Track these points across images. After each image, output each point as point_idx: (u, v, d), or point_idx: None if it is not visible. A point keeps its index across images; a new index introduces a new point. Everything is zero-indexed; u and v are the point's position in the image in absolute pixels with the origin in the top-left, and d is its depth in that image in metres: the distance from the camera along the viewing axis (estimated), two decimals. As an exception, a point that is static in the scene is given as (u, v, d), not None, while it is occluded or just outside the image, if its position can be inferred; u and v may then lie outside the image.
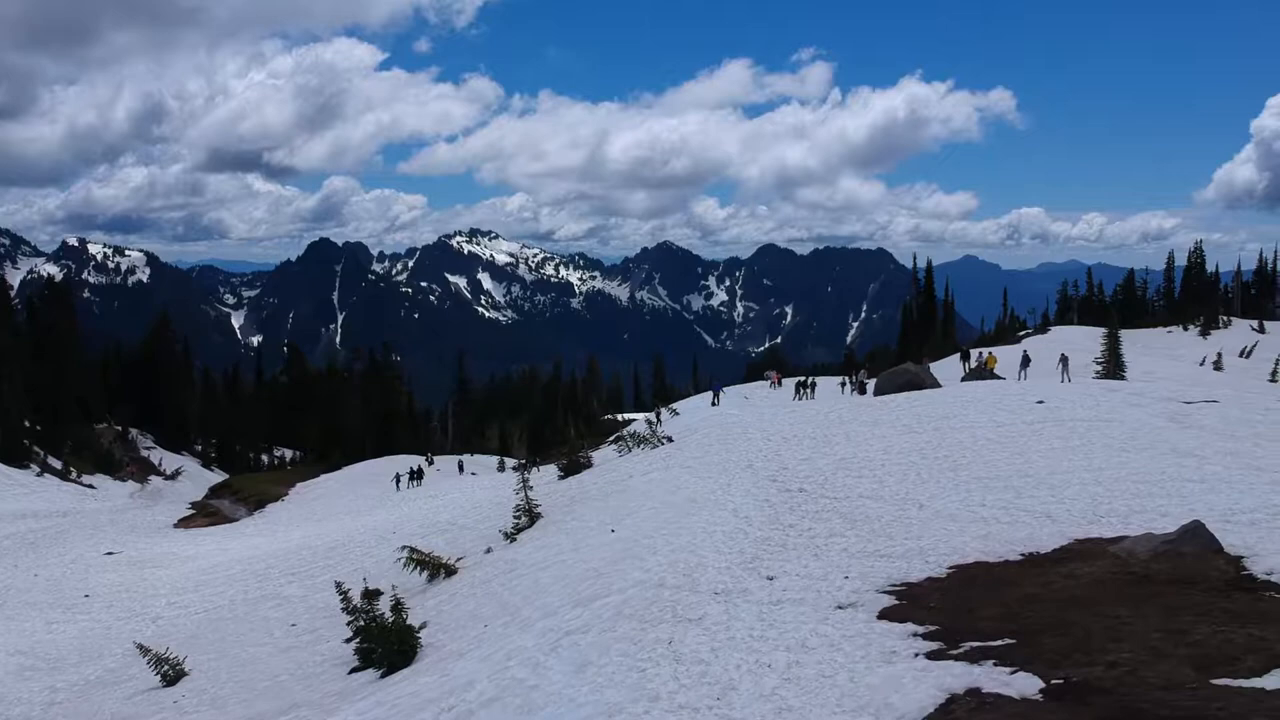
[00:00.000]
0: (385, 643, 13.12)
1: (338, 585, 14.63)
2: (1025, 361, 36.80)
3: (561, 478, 27.76)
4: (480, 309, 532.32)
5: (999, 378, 33.31)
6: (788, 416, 26.45)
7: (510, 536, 19.13)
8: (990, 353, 38.10)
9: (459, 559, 18.50)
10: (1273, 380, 48.99)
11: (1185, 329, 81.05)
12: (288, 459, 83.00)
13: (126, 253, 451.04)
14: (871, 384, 35.99)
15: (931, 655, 8.60)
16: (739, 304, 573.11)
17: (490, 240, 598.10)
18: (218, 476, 68.85)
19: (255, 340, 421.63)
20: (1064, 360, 32.60)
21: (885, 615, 9.99)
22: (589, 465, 28.18)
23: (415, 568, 17.52)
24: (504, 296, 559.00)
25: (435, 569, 17.64)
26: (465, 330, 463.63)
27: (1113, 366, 37.53)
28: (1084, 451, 17.46)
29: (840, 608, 10.51)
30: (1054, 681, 7.62)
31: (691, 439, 25.27)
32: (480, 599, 14.98)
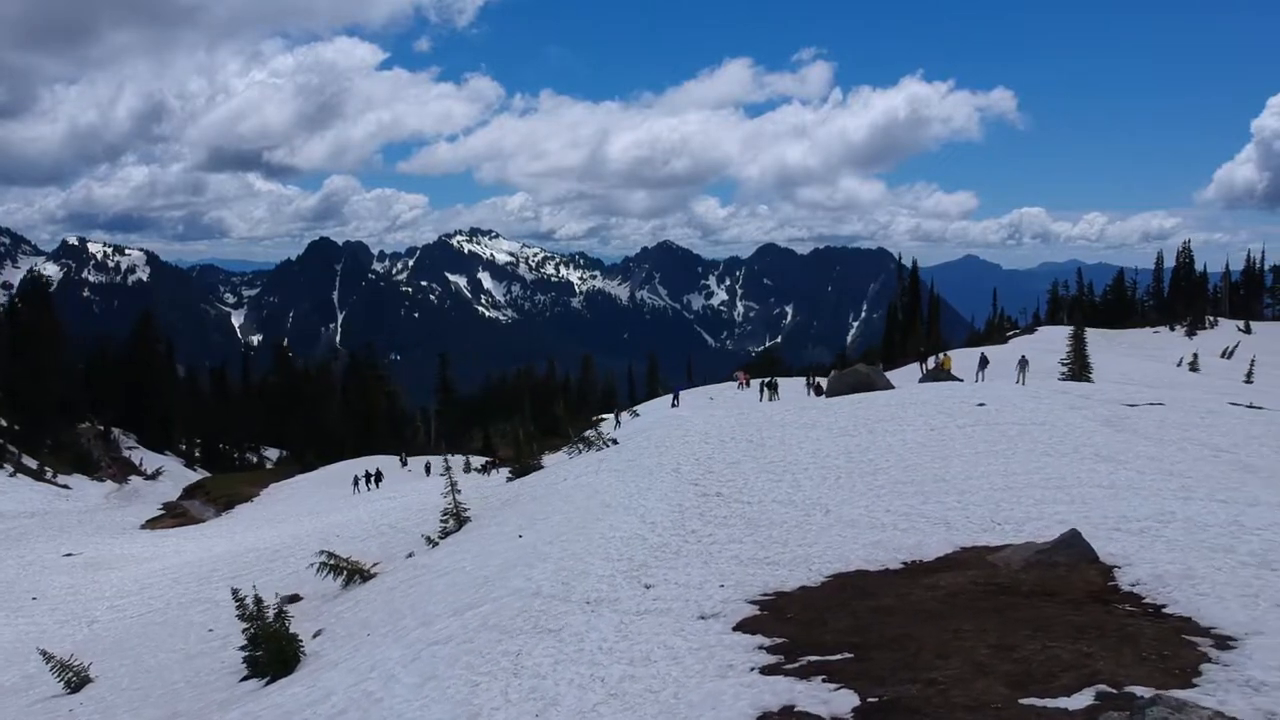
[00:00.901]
0: (268, 651, 12.90)
1: (234, 592, 14.41)
2: (983, 363, 36.57)
3: (509, 480, 27.57)
4: (480, 308, 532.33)
5: (957, 379, 33.08)
6: (736, 418, 26.20)
7: (432, 541, 18.92)
8: (946, 354, 37.86)
9: (375, 565, 18.29)
10: (1247, 381, 48.66)
11: (1172, 329, 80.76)
12: (275, 459, 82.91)
13: (127, 252, 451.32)
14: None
15: (765, 670, 8.40)
16: (739, 304, 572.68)
17: (490, 240, 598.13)
18: (200, 476, 68.71)
19: (255, 339, 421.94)
20: (1023, 362, 32.35)
21: (741, 627, 9.78)
22: (539, 468, 27.97)
23: (330, 573, 17.29)
24: (504, 296, 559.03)
25: (351, 574, 17.41)
26: (465, 330, 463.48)
27: (1078, 368, 37.24)
28: (1005, 456, 17.21)
29: (702, 618, 10.31)
30: (869, 700, 7.42)
31: (634, 441, 25.04)
32: (377, 606, 14.76)
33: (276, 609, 13.23)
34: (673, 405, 35.54)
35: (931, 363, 36.56)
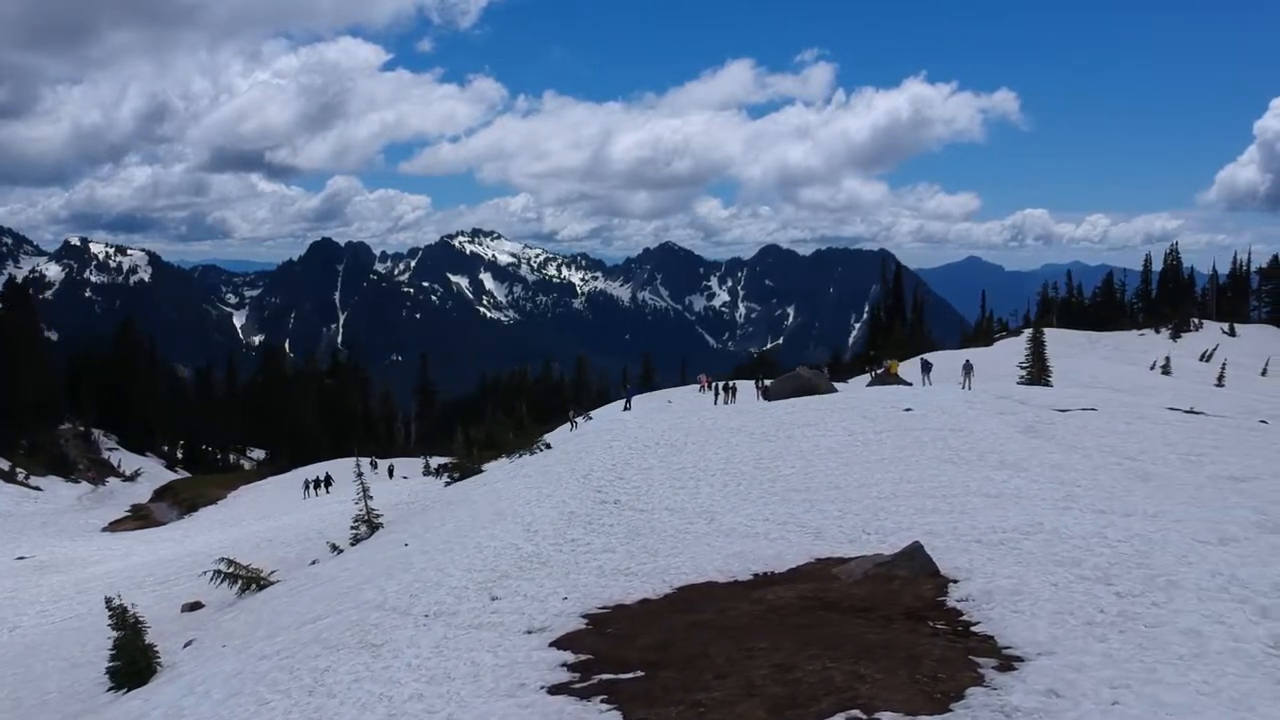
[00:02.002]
0: (125, 662, 12.70)
1: (107, 601, 14.24)
2: (926, 368, 36.37)
3: (447, 484, 27.37)
4: (482, 309, 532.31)
5: (906, 383, 32.83)
6: (672, 423, 25.97)
7: (337, 549, 18.71)
8: (892, 359, 37.62)
9: (273, 573, 18.08)
10: (1218, 384, 48.29)
11: (1157, 332, 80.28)
12: (259, 461, 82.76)
13: (128, 252, 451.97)
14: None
15: (553, 689, 8.21)
16: (741, 305, 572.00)
17: (492, 240, 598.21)
18: (178, 478, 68.60)
19: (257, 340, 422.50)
20: (967, 366, 32.07)
21: (560, 642, 9.56)
22: (479, 472, 27.73)
23: (226, 582, 17.08)
24: (506, 297, 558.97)
25: (248, 583, 17.20)
26: (467, 330, 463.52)
27: (1038, 372, 36.93)
28: (907, 463, 16.96)
29: (529, 632, 10.10)
30: (631, 722, 7.22)
31: (565, 447, 24.85)
32: (250, 617, 14.56)
33: (133, 621, 13.00)
34: (624, 409, 35.29)
35: (920, 364, 36.10)
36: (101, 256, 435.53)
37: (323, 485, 41.85)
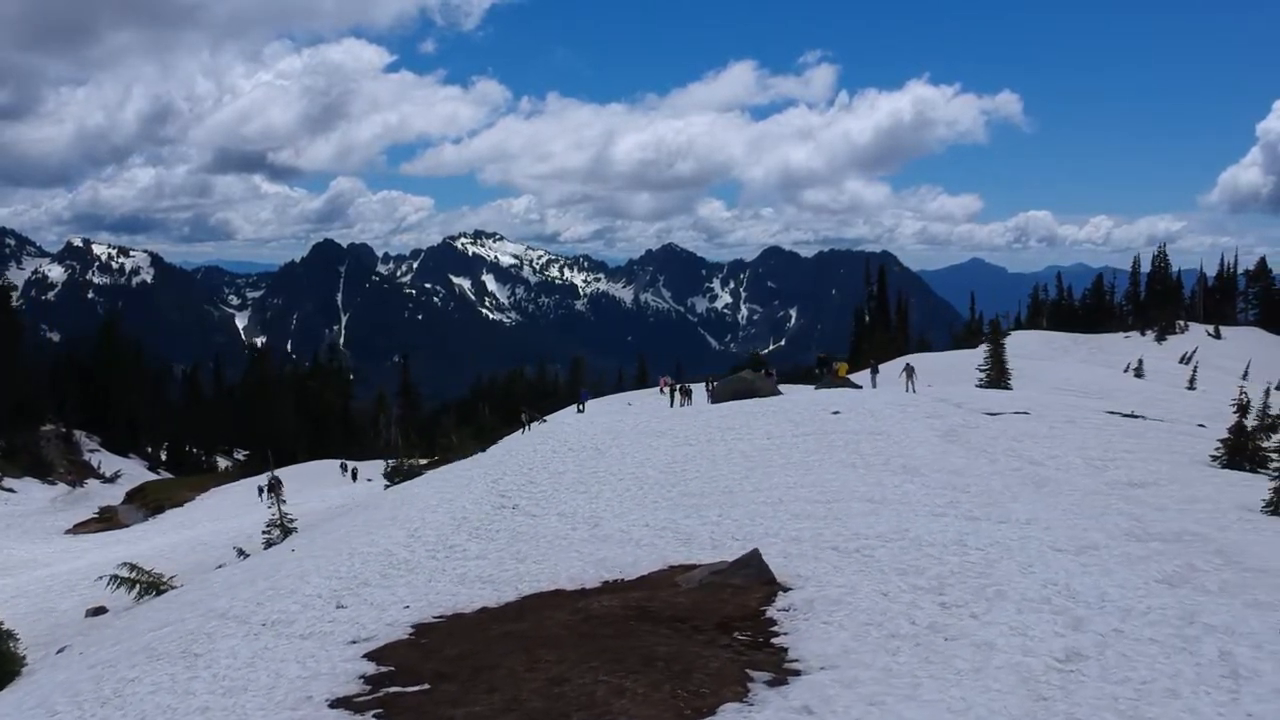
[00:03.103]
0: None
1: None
2: (874, 370, 36.20)
3: (387, 487, 27.20)
4: (484, 310, 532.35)
5: (856, 386, 32.62)
6: (610, 425, 25.84)
7: (242, 554, 18.54)
8: (841, 362, 37.42)
9: (172, 577, 17.93)
10: (1190, 387, 47.90)
11: (1143, 334, 79.80)
12: (239, 462, 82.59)
13: (131, 253, 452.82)
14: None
15: (336, 702, 8.06)
16: (743, 306, 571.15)
17: (495, 242, 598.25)
18: (158, 479, 68.45)
19: (259, 341, 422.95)
20: (909, 370, 31.80)
21: (374, 653, 9.41)
22: (419, 474, 27.58)
23: (124, 587, 16.92)
24: (508, 298, 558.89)
25: (146, 588, 17.04)
26: (469, 332, 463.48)
27: (997, 375, 36.64)
28: (809, 467, 16.76)
29: (353, 643, 9.94)
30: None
31: (497, 450, 24.69)
32: (125, 623, 14.40)
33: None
34: (578, 411, 35.10)
35: (870, 368, 35.89)
36: (104, 258, 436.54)
37: (272, 490, 41.46)
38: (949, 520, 12.60)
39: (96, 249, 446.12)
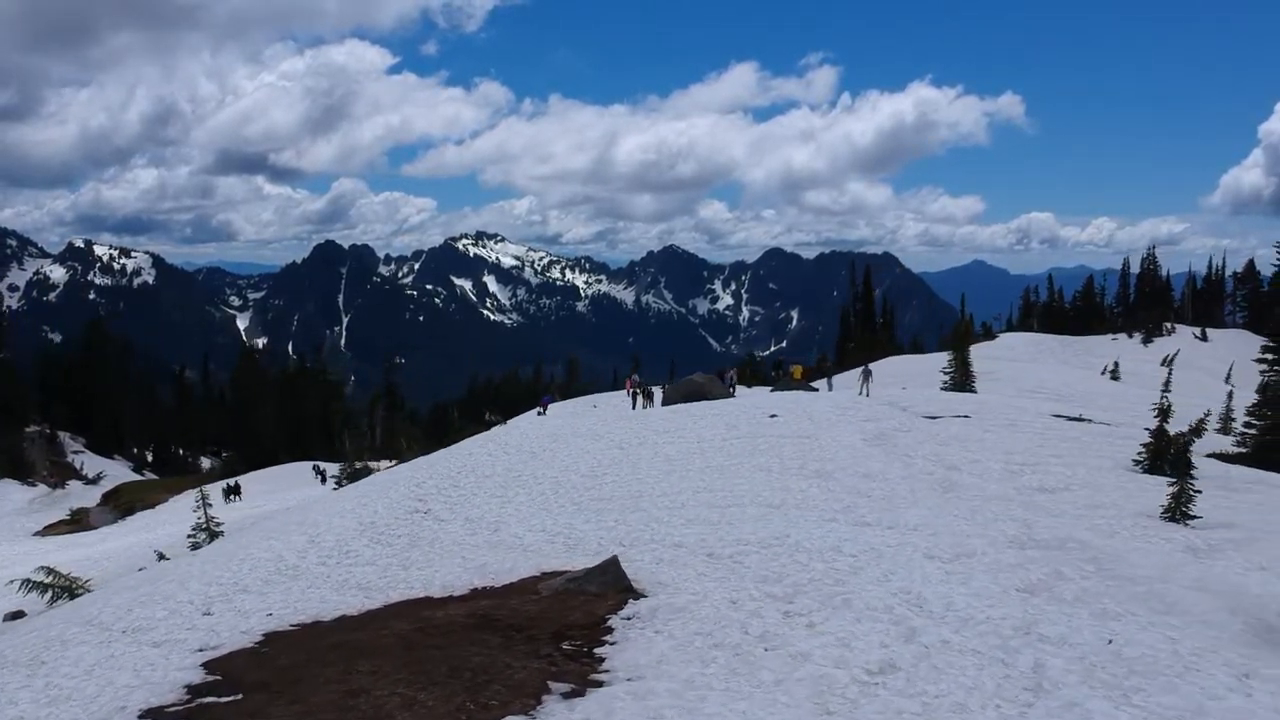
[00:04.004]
0: None
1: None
2: (828, 373, 36.12)
3: (335, 489, 27.08)
4: (485, 312, 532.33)
5: (813, 388, 32.48)
6: (556, 429, 25.71)
7: (162, 557, 18.43)
8: (796, 365, 37.28)
9: (88, 580, 17.82)
10: (1166, 391, 47.55)
11: (1130, 336, 79.55)
12: (218, 464, 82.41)
13: (133, 254, 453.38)
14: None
15: (146, 712, 8.00)
16: (744, 308, 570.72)
17: (496, 243, 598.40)
18: (132, 481, 68.37)
19: (260, 342, 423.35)
20: (865, 373, 31.65)
21: (213, 662, 9.31)
22: (366, 474, 27.48)
23: (35, 591, 16.81)
24: (509, 299, 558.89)
25: (59, 593, 16.92)
26: (470, 333, 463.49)
27: (961, 378, 36.45)
28: (725, 471, 16.62)
29: (200, 650, 9.79)
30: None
31: (448, 450, 24.60)
32: (20, 629, 14.27)
33: None
34: (538, 414, 34.98)
35: (822, 370, 35.68)
36: (105, 259, 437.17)
37: (233, 494, 41.46)
38: (836, 526, 12.45)
39: (98, 250, 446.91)
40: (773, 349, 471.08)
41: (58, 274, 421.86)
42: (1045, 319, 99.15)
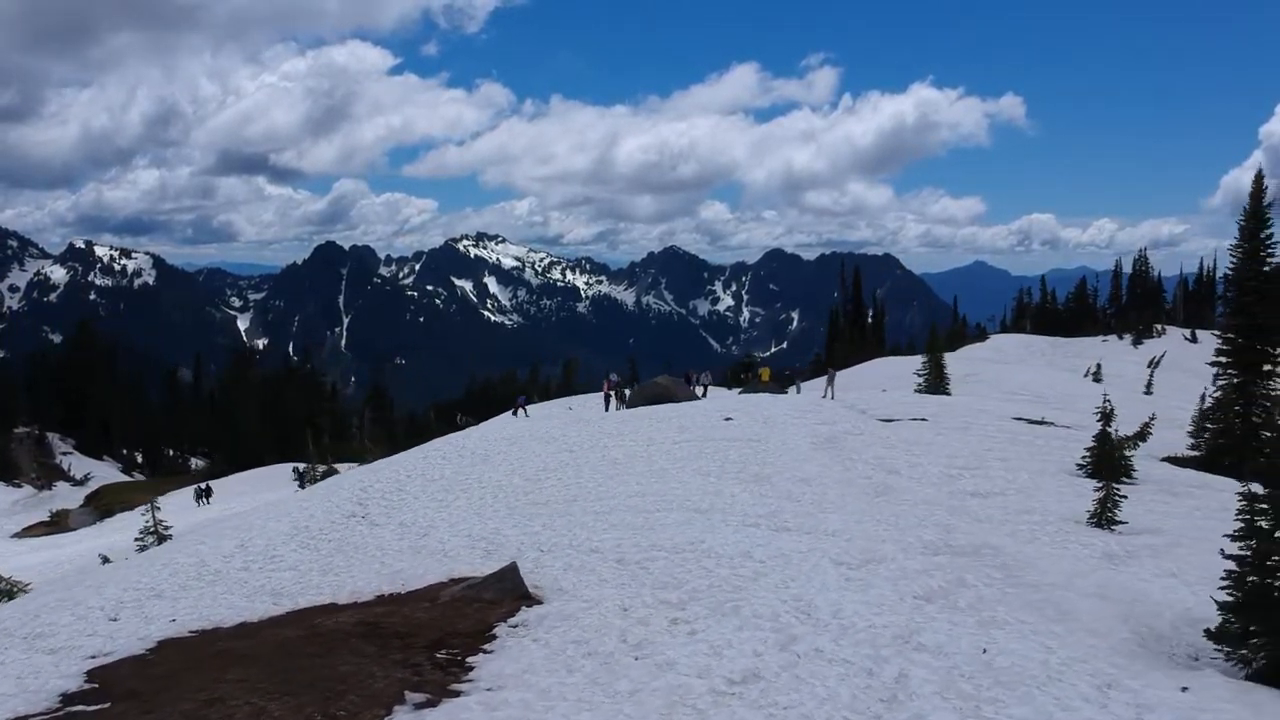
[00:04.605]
0: None
1: None
2: (795, 379, 36.17)
3: (297, 490, 27.01)
4: (486, 313, 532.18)
5: (781, 391, 32.41)
6: (513, 432, 25.66)
7: (106, 560, 18.37)
8: (765, 367, 37.20)
9: (28, 585, 17.76)
10: (1147, 393, 47.53)
11: (1120, 338, 79.44)
12: (204, 465, 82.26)
13: (133, 255, 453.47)
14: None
15: (10, 720, 7.82)
16: (745, 309, 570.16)
17: (497, 244, 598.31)
18: (116, 482, 68.29)
19: (261, 343, 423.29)
20: (830, 376, 31.58)
21: (97, 669, 9.27)
22: (331, 475, 27.41)
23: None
24: (510, 300, 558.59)
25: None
26: (471, 334, 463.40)
27: (935, 381, 36.37)
28: (664, 476, 16.55)
29: (92, 657, 9.73)
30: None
31: (407, 453, 24.56)
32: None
33: None
34: (513, 415, 34.88)
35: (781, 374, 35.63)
36: (106, 259, 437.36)
37: (205, 496, 41.38)
38: (755, 531, 12.38)
39: (99, 250, 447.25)
40: (773, 350, 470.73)
41: (58, 275, 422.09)
42: (1038, 320, 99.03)
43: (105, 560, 18.65)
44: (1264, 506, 7.82)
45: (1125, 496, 13.38)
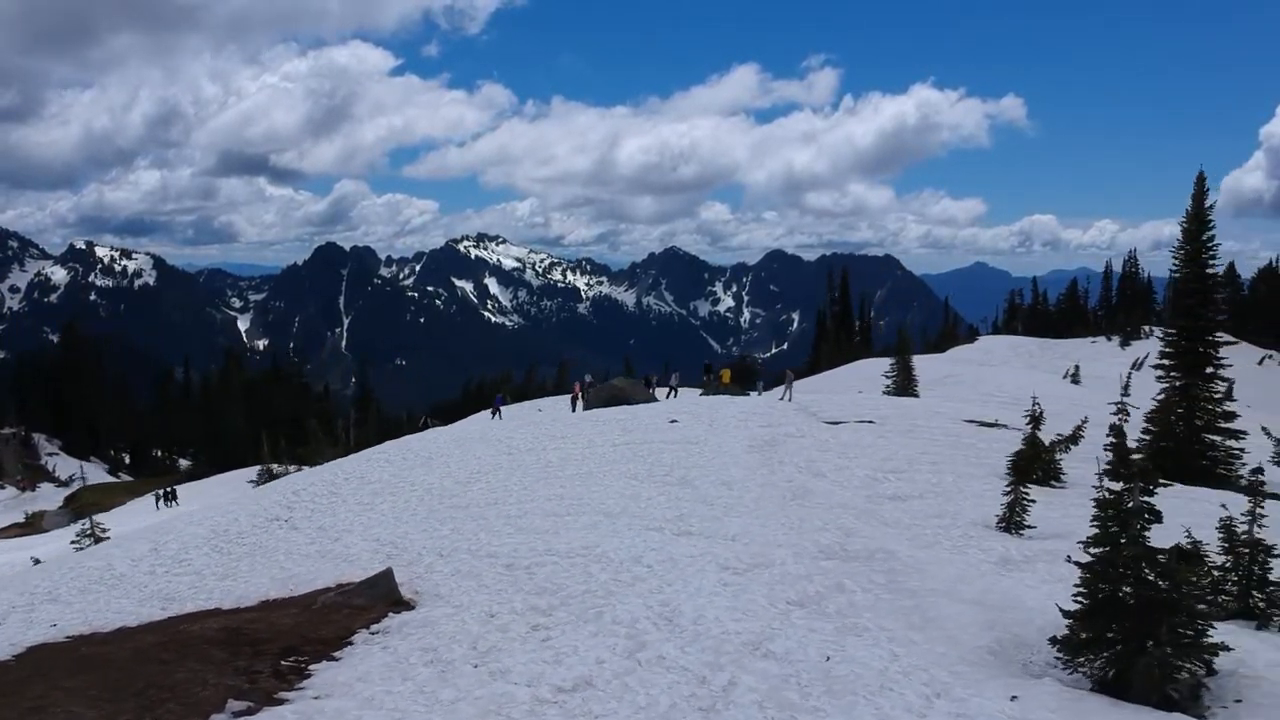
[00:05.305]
0: None
1: None
2: (756, 379, 36.11)
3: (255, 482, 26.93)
4: (487, 313, 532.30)
5: (744, 393, 32.34)
6: (461, 434, 25.62)
7: (37, 562, 18.30)
8: (725, 369, 37.11)
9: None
10: (1125, 395, 47.29)
11: (1109, 339, 79.30)
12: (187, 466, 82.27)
13: (134, 256, 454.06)
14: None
15: None
16: (745, 310, 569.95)
17: (498, 245, 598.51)
18: (98, 483, 68.29)
19: (261, 344, 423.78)
20: (788, 378, 31.52)
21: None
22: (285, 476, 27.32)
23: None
24: (511, 301, 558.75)
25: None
26: (471, 335, 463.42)
27: (903, 382, 36.29)
28: (591, 479, 16.47)
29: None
30: None
31: (355, 457, 24.48)
32: None
33: None
34: (492, 417, 34.78)
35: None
36: (106, 260, 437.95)
37: (168, 499, 41.38)
38: (657, 535, 12.28)
39: (99, 251, 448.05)
40: (774, 351, 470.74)
41: (59, 275, 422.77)
42: (1029, 322, 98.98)
43: (36, 562, 18.58)
44: (1110, 511, 7.73)
45: (1035, 500, 13.28)
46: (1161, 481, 8.28)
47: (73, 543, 19.85)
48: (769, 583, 10.18)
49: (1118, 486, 7.86)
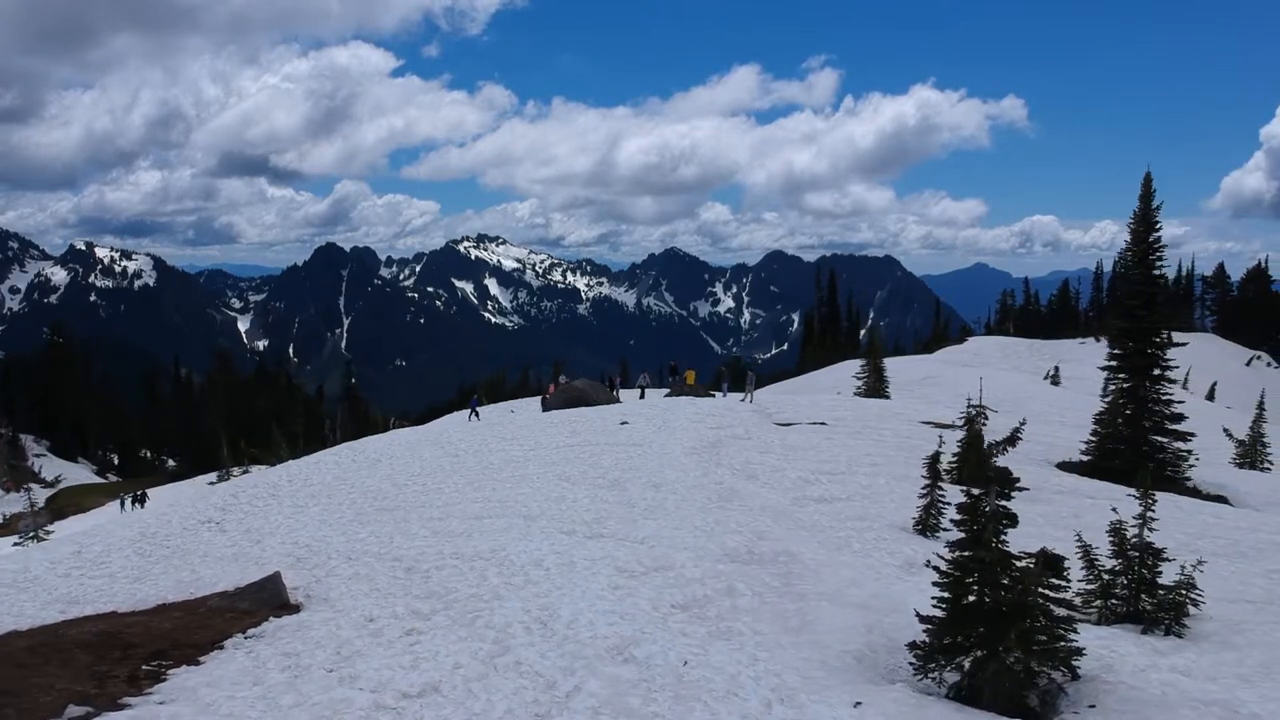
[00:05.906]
0: None
1: None
2: (724, 379, 35.99)
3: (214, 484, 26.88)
4: (487, 314, 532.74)
5: (710, 394, 32.27)
6: (419, 436, 25.56)
7: (-24, 564, 18.20)
8: (690, 370, 37.02)
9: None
10: (1103, 395, 47.20)
11: (1098, 340, 78.97)
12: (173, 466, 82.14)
13: (134, 256, 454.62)
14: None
15: None
16: (746, 310, 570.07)
17: (498, 246, 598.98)
18: (77, 485, 68.22)
19: (261, 345, 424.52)
20: (750, 379, 31.46)
21: None
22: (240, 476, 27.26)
23: None
24: (511, 302, 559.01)
25: None
26: (472, 336, 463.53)
27: (874, 383, 36.20)
28: (525, 480, 16.49)
29: None
30: None
31: (312, 458, 24.47)
32: None
33: None
34: (469, 418, 34.66)
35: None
36: (107, 261, 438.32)
37: (137, 501, 41.31)
38: (567, 538, 12.23)
39: (99, 252, 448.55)
40: (774, 351, 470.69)
41: (59, 276, 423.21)
42: (1021, 322, 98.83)
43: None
44: (965, 516, 7.67)
45: (950, 504, 13.19)
46: (1018, 486, 8.22)
47: (15, 544, 19.80)
48: (660, 586, 10.14)
49: (976, 491, 7.80)
